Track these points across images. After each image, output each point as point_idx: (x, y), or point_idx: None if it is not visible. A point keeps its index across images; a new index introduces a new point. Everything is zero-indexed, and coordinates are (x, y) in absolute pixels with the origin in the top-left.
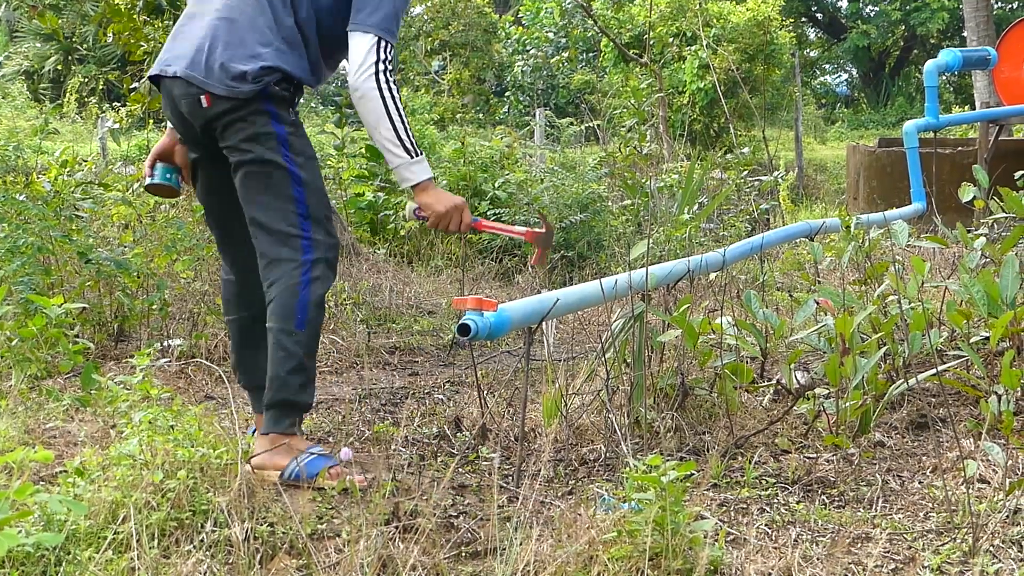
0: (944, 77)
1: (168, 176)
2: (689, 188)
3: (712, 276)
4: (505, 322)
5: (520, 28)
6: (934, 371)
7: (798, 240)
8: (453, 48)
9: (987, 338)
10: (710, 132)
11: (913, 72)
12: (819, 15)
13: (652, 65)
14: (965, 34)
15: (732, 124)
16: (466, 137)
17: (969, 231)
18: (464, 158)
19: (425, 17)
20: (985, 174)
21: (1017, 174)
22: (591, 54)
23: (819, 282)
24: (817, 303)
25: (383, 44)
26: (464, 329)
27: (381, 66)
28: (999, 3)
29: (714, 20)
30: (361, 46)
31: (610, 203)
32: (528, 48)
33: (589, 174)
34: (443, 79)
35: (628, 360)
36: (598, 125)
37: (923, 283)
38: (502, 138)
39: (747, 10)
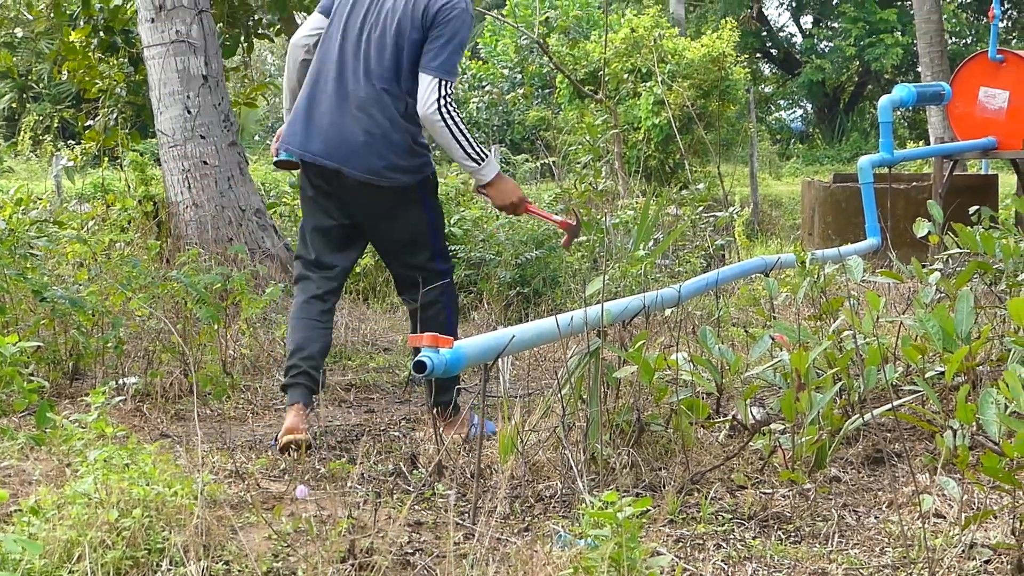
0: (899, 112)
1: (289, 155)
2: (644, 224)
3: (668, 312)
4: (461, 359)
5: (477, 63)
6: (890, 406)
7: (753, 276)
8: None
9: (942, 373)
10: (665, 168)
11: (868, 107)
12: (774, 51)
13: (607, 101)
14: (919, 69)
15: (687, 160)
16: None
17: (924, 266)
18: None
19: None
20: (940, 209)
21: (971, 209)
22: (547, 90)
23: (774, 318)
24: (772, 339)
25: (444, 83)
26: (420, 366)
27: (443, 101)
28: (953, 39)
29: (669, 56)
30: (430, 86)
31: (555, 240)
32: (484, 84)
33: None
34: None
35: (584, 396)
36: (553, 161)
37: (878, 318)
38: (457, 174)
39: (702, 46)
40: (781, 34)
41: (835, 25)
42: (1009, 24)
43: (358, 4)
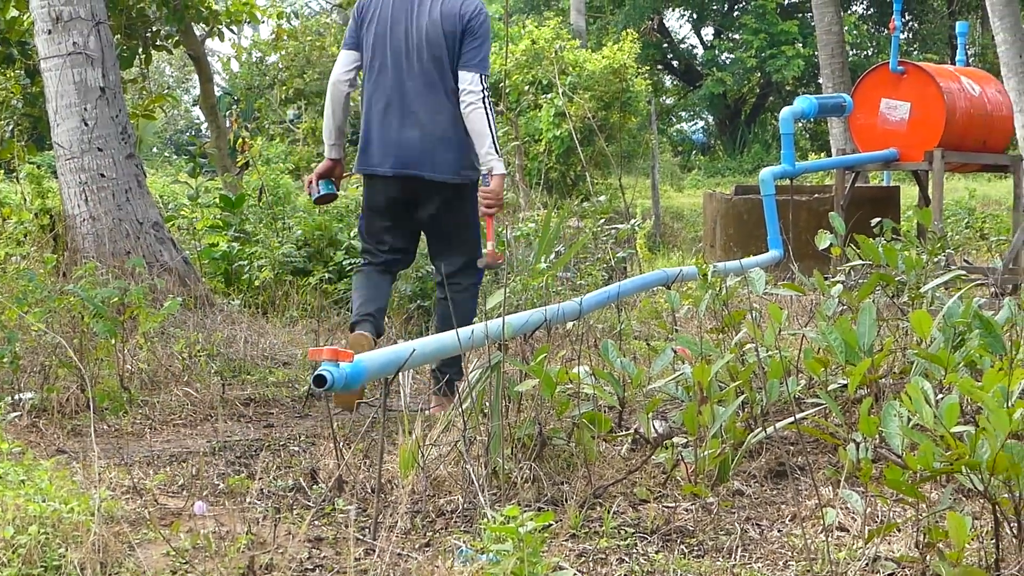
0: (800, 124)
1: (330, 187)
2: (546, 237)
3: (569, 325)
4: (361, 373)
5: None
6: (792, 419)
7: (655, 288)
8: (308, 97)
9: (845, 386)
10: (567, 180)
11: (769, 119)
12: (675, 62)
13: (508, 113)
14: (821, 81)
15: (588, 172)
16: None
17: (826, 278)
18: (319, 208)
19: (280, 66)
20: (842, 221)
21: (873, 221)
22: None
23: (676, 331)
24: (675, 352)
25: (483, 77)
26: (320, 380)
27: (485, 93)
28: (854, 50)
29: (570, 68)
30: (475, 80)
31: None
32: None
33: None
34: (298, 128)
35: (485, 410)
36: None
37: (780, 331)
38: (358, 187)
39: (603, 58)
40: (682, 46)
41: (736, 37)
42: (910, 36)
43: (393, 30)
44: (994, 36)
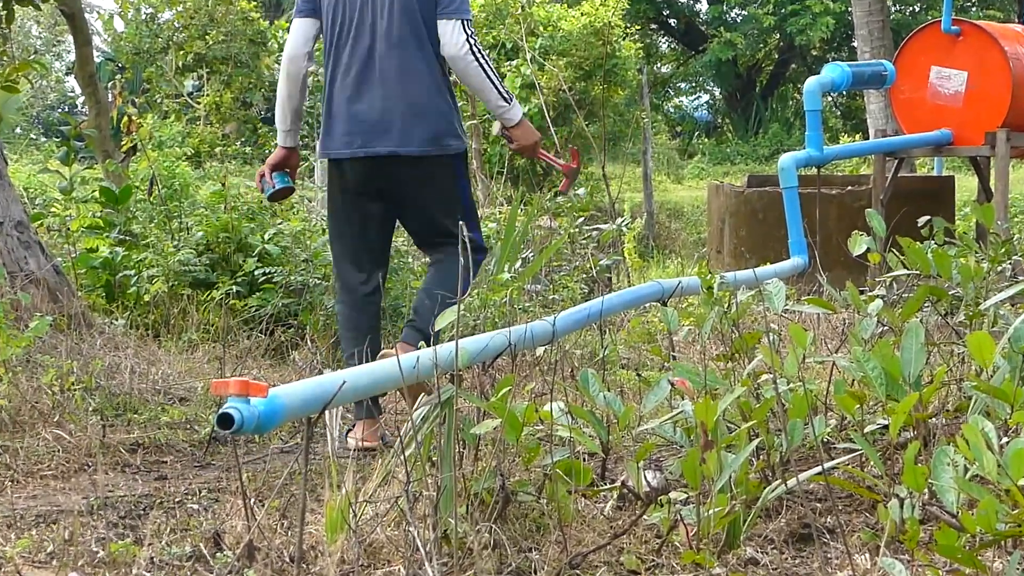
0: (830, 98)
1: (286, 180)
2: (510, 240)
3: (540, 351)
4: (278, 411)
5: None
6: (819, 469)
7: (648, 305)
8: (211, 64)
9: (886, 427)
10: (536, 169)
11: (791, 92)
12: (672, 21)
13: (462, 85)
14: (855, 44)
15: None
16: (228, 177)
17: (862, 292)
18: (225, 204)
19: (175, 25)
20: (882, 220)
21: (921, 220)
22: None
23: (674, 358)
24: (672, 384)
25: (466, 22)
26: (226, 420)
27: (472, 41)
28: (897, 7)
29: (541, 28)
30: (456, 29)
31: (410, 259)
32: None
33: None
34: (199, 103)
35: (434, 458)
36: None
37: (804, 358)
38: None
39: (582, 15)
40: (682, 0)
41: None
42: None
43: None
44: None
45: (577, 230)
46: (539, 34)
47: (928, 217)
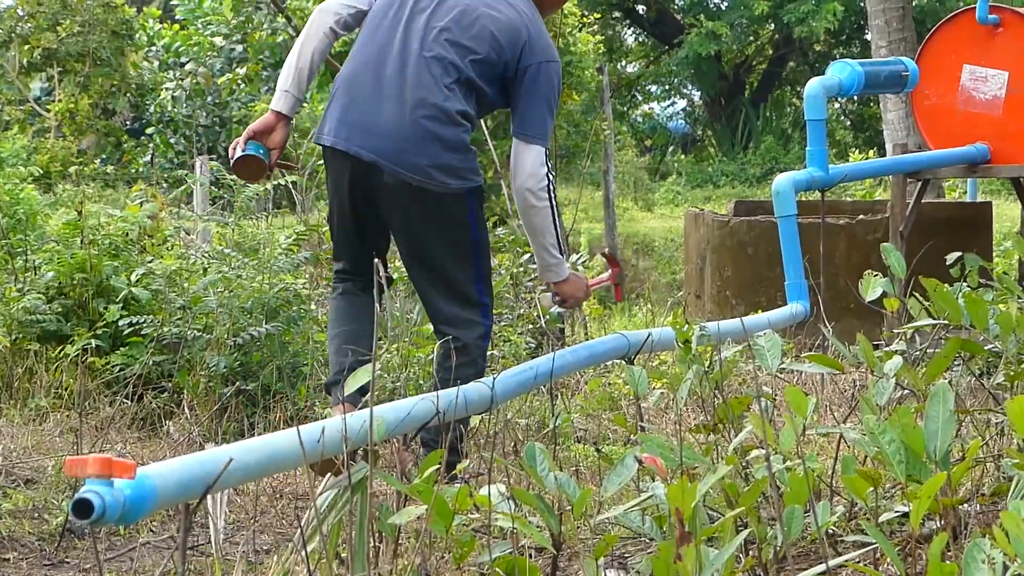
0: (837, 105)
1: (260, 150)
2: None
3: (475, 420)
4: (148, 495)
5: (173, 28)
6: (823, 567)
7: (610, 363)
8: (64, 62)
9: (906, 515)
10: None
11: (788, 97)
12: (640, 8)
13: None
14: (868, 37)
15: (504, 179)
16: (85, 203)
17: (877, 347)
18: (82, 237)
19: (19, 13)
20: (901, 257)
21: (950, 257)
22: None
23: (643, 429)
24: (639, 462)
25: (547, 153)
26: (83, 507)
27: (550, 176)
28: None
29: None
30: (535, 158)
31: (314, 306)
32: (184, 61)
33: (280, 260)
34: (48, 110)
35: (343, 555)
36: (294, 183)
37: (805, 429)
38: (142, 203)
39: None
40: None
41: None
42: None
43: None
44: None
45: (521, 270)
46: None
47: (959, 253)
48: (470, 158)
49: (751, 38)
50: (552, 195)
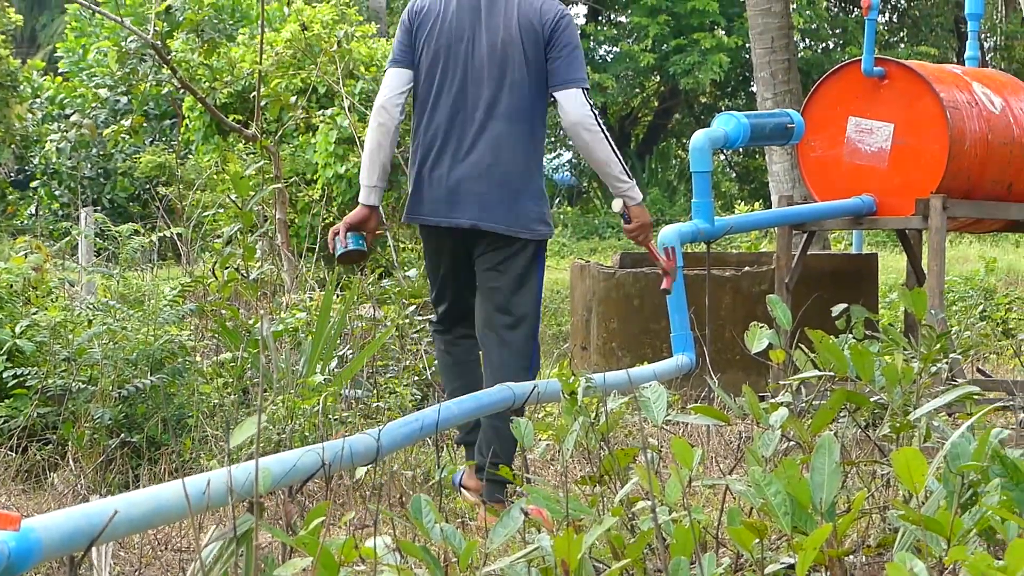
0: (723, 156)
1: (360, 243)
2: (323, 334)
3: (361, 472)
4: (34, 547)
5: (56, 80)
6: None
7: (496, 414)
8: None
9: (792, 566)
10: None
11: (674, 149)
12: None
13: (264, 140)
14: (755, 89)
15: (392, 230)
16: None
17: (762, 398)
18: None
19: None
20: (787, 309)
21: (835, 308)
22: (168, 122)
23: (528, 481)
24: (525, 513)
25: (587, 92)
26: None
27: (595, 111)
28: (807, 42)
29: (362, 68)
30: (579, 99)
31: (199, 357)
32: (69, 112)
33: (165, 312)
34: None
35: None
36: (179, 234)
37: (691, 481)
38: (26, 255)
39: None
40: None
41: (623, 20)
42: (893, 19)
43: (454, 48)
44: None
45: (407, 321)
46: (359, 76)
47: (844, 305)
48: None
49: (637, 90)
50: (602, 124)
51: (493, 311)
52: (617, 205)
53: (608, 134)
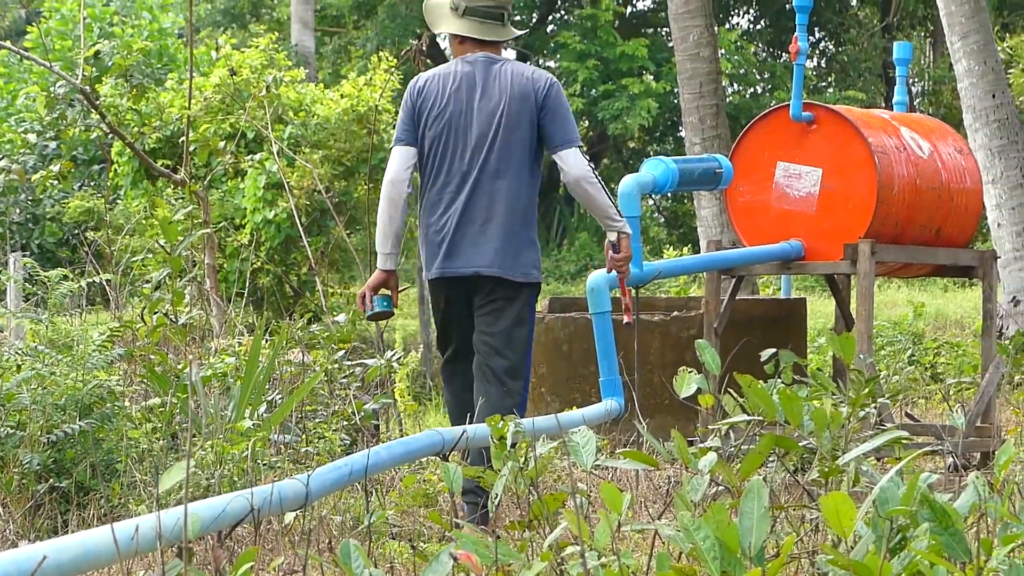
0: (651, 201)
1: (386, 304)
2: (251, 379)
3: (290, 517)
4: None
5: None
6: None
7: (426, 460)
8: None
9: None
10: (285, 289)
11: None
12: None
13: (193, 185)
14: (683, 134)
15: (320, 276)
16: None
17: (691, 443)
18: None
19: None
20: (716, 354)
21: (764, 353)
22: (97, 167)
23: (458, 526)
24: (455, 558)
25: (583, 149)
26: None
27: (591, 165)
28: (735, 86)
29: (291, 113)
30: (578, 157)
31: (128, 402)
32: None
33: (94, 357)
34: None
35: None
36: (108, 280)
37: (620, 525)
38: None
39: (342, 97)
40: None
41: (551, 64)
42: (821, 63)
43: (453, 122)
44: (952, 64)
45: (336, 366)
46: (288, 121)
47: (773, 350)
48: None
49: None
50: (598, 175)
51: (491, 352)
52: (612, 236)
53: (603, 182)
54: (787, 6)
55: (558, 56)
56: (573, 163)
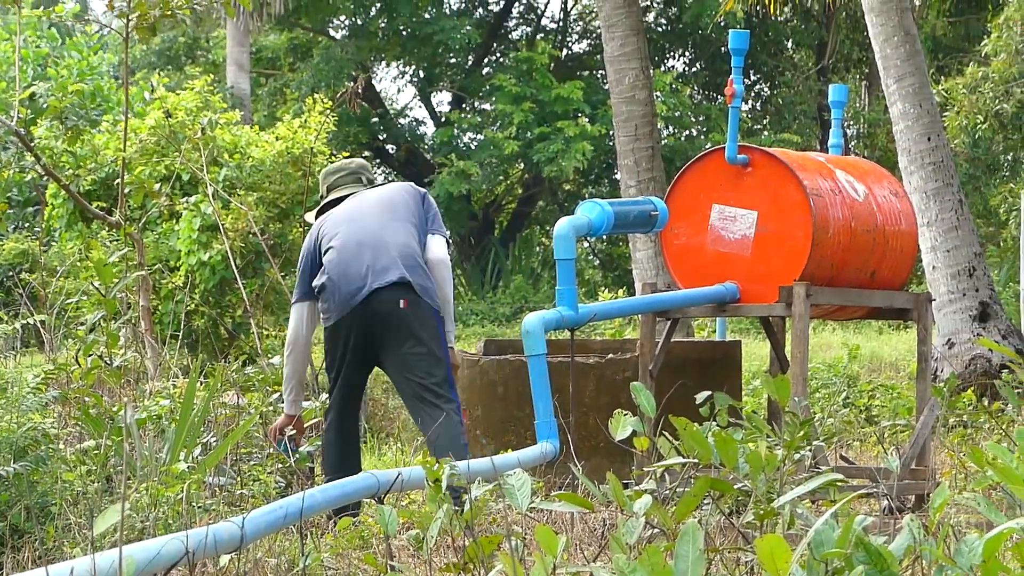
0: (586, 244)
1: (285, 447)
2: (186, 421)
3: (225, 560)
4: None
5: None
6: None
7: (361, 500)
8: None
9: None
10: (220, 331)
11: (538, 236)
12: (390, 147)
13: (128, 227)
14: (619, 176)
15: (255, 318)
16: None
17: (626, 485)
18: None
19: None
20: (651, 396)
21: (699, 396)
22: (31, 208)
23: (393, 568)
24: None
25: (449, 242)
26: None
27: (450, 258)
28: (671, 129)
29: (226, 156)
30: (443, 245)
31: (62, 445)
32: None
33: (28, 399)
34: None
35: None
36: (42, 322)
37: (555, 568)
38: None
39: (277, 139)
40: (402, 120)
41: (487, 107)
42: (757, 106)
43: (344, 226)
44: (888, 107)
45: (271, 408)
46: (223, 163)
47: (708, 392)
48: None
49: (501, 177)
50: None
51: (420, 387)
52: (451, 339)
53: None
54: (722, 49)
55: (493, 99)
56: (439, 248)
